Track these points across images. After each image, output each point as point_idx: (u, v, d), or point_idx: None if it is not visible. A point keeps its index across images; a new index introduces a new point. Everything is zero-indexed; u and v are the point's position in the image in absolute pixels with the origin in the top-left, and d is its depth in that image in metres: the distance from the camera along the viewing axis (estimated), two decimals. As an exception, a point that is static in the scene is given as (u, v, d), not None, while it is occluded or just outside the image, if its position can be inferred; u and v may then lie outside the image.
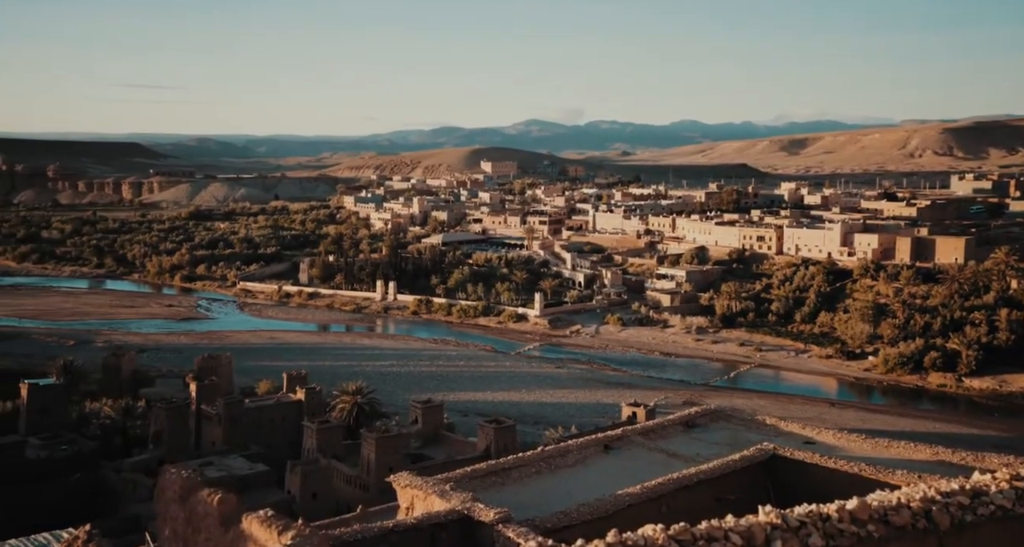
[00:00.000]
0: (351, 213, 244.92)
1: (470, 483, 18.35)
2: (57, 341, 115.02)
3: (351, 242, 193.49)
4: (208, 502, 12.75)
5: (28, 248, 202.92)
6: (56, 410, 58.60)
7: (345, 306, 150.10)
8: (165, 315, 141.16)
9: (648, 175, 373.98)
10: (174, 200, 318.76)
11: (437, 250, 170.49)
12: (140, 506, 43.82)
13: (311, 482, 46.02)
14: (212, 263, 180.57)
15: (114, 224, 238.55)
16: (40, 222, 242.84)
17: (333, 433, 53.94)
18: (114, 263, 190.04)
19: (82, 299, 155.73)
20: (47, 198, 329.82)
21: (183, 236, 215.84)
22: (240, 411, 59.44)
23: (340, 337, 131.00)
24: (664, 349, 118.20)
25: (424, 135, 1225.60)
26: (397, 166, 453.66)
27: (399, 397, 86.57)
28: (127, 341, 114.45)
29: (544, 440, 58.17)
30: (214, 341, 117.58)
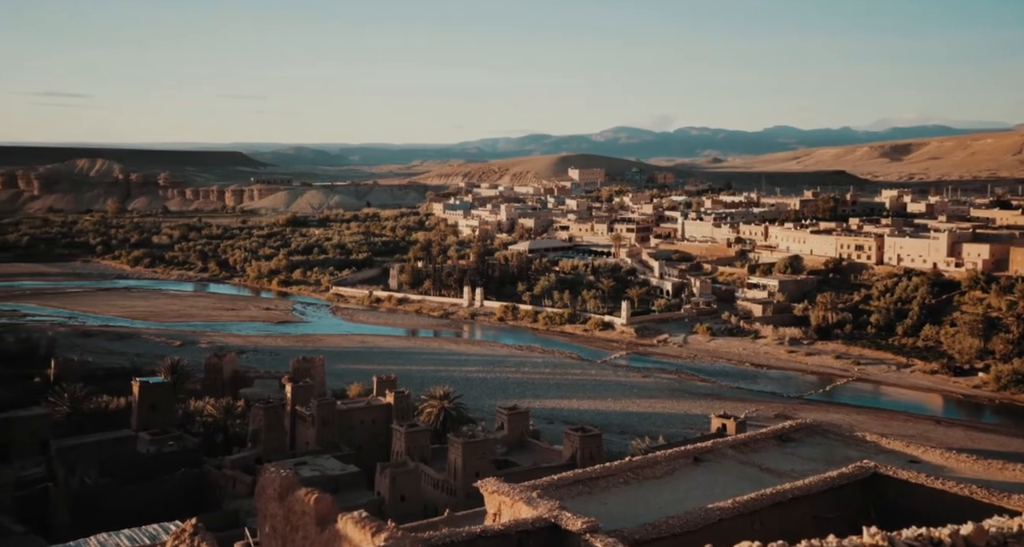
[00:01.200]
0: (440, 220, 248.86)
1: (557, 491, 18.37)
2: (165, 341, 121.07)
3: (439, 248, 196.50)
4: (305, 501, 13.22)
5: (140, 252, 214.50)
6: (164, 407, 61.63)
7: (433, 312, 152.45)
8: (263, 318, 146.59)
9: (739, 182, 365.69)
10: (272, 207, 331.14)
11: (524, 257, 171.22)
12: (239, 502, 45.59)
13: (400, 484, 46.86)
14: (307, 268, 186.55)
15: (217, 230, 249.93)
16: (151, 228, 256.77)
17: (421, 437, 54.80)
18: (217, 267, 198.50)
19: (188, 301, 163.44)
20: (158, 205, 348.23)
21: (280, 242, 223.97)
22: (332, 413, 61.09)
23: (428, 342, 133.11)
24: (755, 360, 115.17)
25: (512, 143, 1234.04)
26: (485, 173, 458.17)
27: (485, 403, 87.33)
28: (228, 342, 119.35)
29: (631, 450, 57.62)
30: (308, 344, 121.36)
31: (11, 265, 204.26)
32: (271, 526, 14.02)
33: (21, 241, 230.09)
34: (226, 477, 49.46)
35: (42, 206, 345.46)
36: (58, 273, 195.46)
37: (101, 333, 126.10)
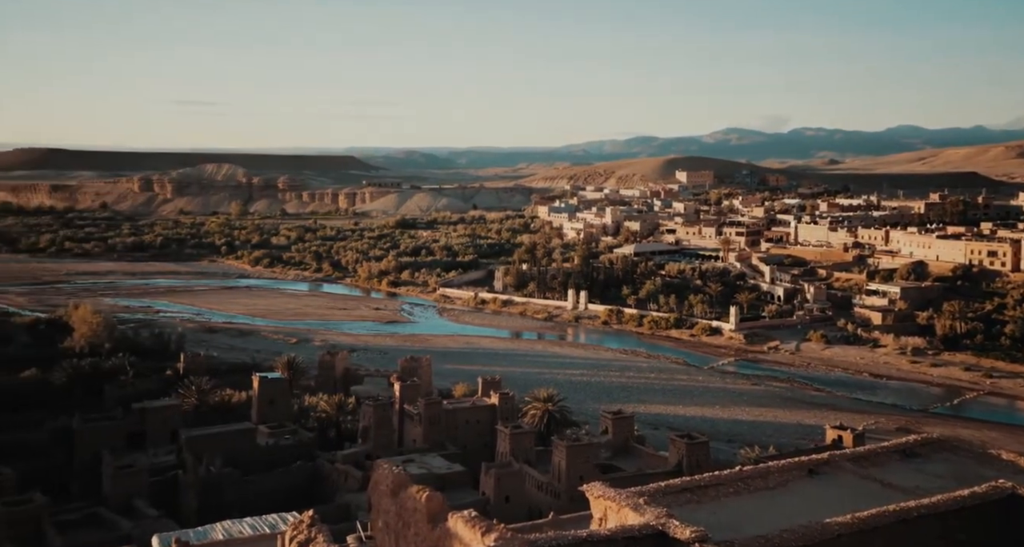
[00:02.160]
0: (545, 222, 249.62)
1: (664, 498, 18.10)
2: (282, 338, 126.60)
3: (544, 251, 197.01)
4: (417, 499, 13.56)
5: (261, 253, 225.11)
6: (281, 402, 64.49)
7: (537, 314, 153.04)
8: (373, 318, 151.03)
9: (858, 184, 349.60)
10: (383, 209, 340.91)
11: (629, 260, 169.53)
12: (351, 496, 47.18)
13: (505, 485, 47.31)
14: (415, 269, 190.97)
15: (331, 231, 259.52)
16: (271, 229, 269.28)
17: (526, 438, 55.12)
18: (330, 268, 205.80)
19: (303, 300, 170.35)
20: (277, 207, 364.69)
21: (390, 243, 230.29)
22: (439, 412, 62.30)
23: (532, 344, 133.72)
24: (874, 370, 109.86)
25: (618, 145, 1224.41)
26: (590, 176, 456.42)
27: (589, 406, 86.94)
28: (340, 341, 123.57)
29: (739, 459, 56.04)
30: (416, 344, 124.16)
31: (146, 264, 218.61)
32: (384, 521, 14.45)
33: (155, 242, 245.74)
34: (338, 471, 51.25)
35: (174, 208, 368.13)
36: (187, 272, 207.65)
37: (225, 329, 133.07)
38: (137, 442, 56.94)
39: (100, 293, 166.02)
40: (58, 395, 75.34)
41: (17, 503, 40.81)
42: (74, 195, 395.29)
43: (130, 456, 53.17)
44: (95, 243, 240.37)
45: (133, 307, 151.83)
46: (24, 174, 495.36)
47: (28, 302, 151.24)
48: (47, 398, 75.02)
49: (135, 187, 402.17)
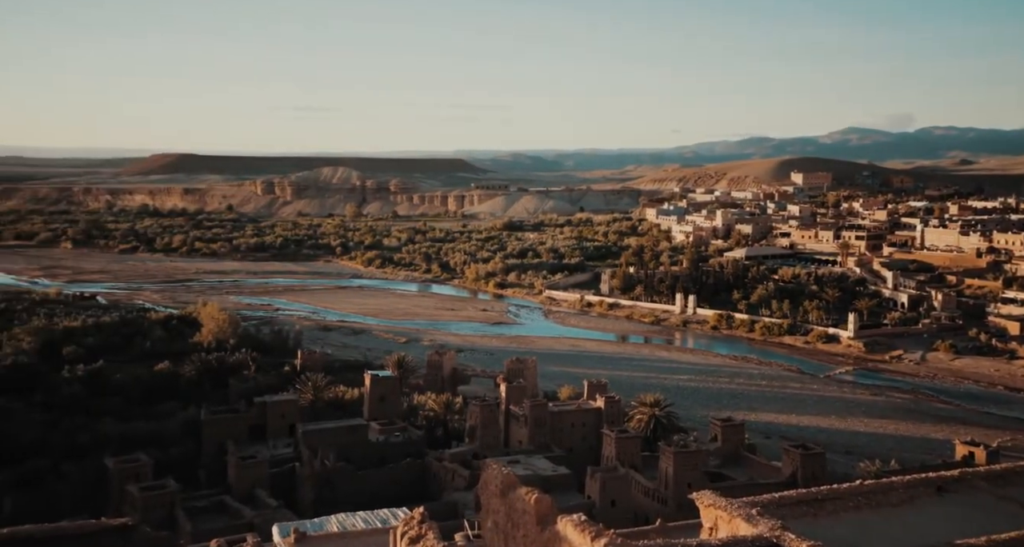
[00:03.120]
0: (653, 225, 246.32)
1: (778, 510, 17.52)
2: (392, 338, 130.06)
3: (652, 254, 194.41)
4: (526, 500, 13.65)
5: (373, 254, 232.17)
6: (392, 400, 66.25)
7: (644, 318, 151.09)
8: (480, 319, 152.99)
9: (993, 186, 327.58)
10: (490, 211, 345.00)
11: (740, 264, 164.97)
12: (458, 494, 47.96)
13: (610, 490, 46.93)
14: (521, 271, 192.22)
15: (440, 233, 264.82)
16: (383, 231, 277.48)
17: (632, 443, 54.51)
18: (439, 269, 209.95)
19: (413, 301, 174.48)
20: (389, 210, 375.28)
21: (497, 245, 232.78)
22: (544, 414, 62.43)
23: (638, 348, 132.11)
24: (1010, 383, 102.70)
25: (730, 146, 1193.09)
26: (701, 178, 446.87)
27: (697, 412, 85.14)
28: (448, 341, 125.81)
29: (858, 473, 53.56)
30: (521, 345, 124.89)
31: (267, 263, 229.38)
32: (493, 521, 14.62)
33: (275, 242, 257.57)
34: (446, 469, 52.16)
35: (293, 210, 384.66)
36: (304, 271, 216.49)
37: (339, 328, 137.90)
38: (258, 434, 59.76)
39: (226, 291, 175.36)
40: (188, 387, 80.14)
41: (152, 488, 43.66)
42: (203, 198, 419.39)
43: (252, 448, 55.88)
44: (221, 243, 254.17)
45: (255, 305, 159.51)
46: (160, 178, 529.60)
47: (162, 299, 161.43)
48: (178, 390, 79.93)
49: (258, 190, 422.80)
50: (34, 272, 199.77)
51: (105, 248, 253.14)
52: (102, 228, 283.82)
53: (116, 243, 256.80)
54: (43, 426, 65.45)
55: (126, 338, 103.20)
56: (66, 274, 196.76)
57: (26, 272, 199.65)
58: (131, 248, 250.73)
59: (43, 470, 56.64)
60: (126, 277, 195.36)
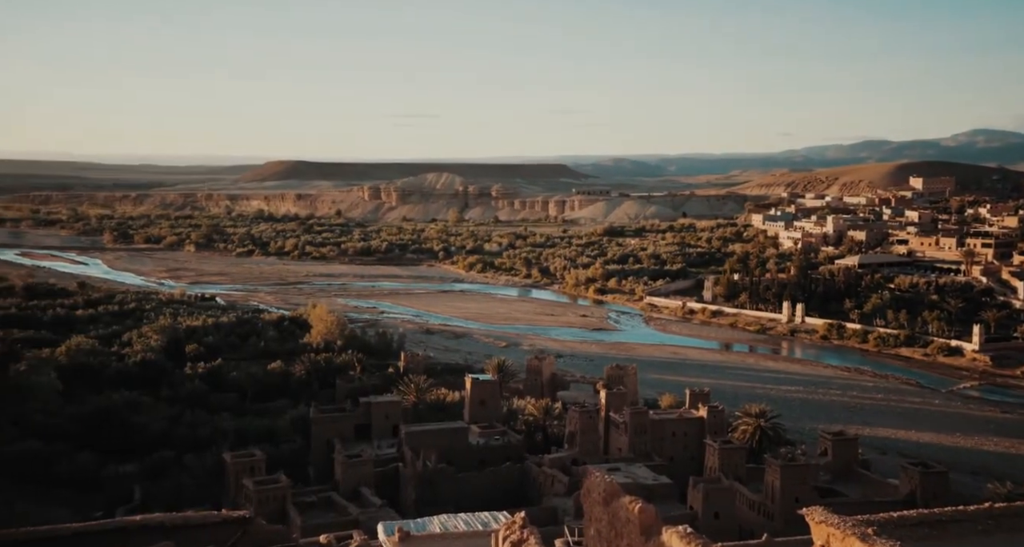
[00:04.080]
0: (759, 231, 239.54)
1: (897, 531, 16.67)
2: (492, 342, 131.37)
3: (757, 261, 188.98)
4: (629, 509, 13.53)
5: (474, 258, 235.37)
6: (492, 403, 66.95)
7: (749, 326, 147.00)
8: (580, 324, 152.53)
9: None
10: (591, 217, 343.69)
11: (852, 272, 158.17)
12: (557, 500, 47.98)
13: (713, 501, 45.86)
14: (622, 277, 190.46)
15: (541, 238, 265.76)
16: (484, 236, 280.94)
17: (736, 454, 53.12)
18: (539, 274, 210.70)
19: (513, 305, 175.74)
20: (490, 215, 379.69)
21: (597, 251, 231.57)
22: (645, 422, 61.65)
23: (743, 357, 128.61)
24: None
25: (843, 150, 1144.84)
26: (811, 183, 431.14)
27: (805, 425, 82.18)
28: (547, 346, 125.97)
29: (986, 494, 50.36)
30: (621, 352, 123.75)
31: (373, 267, 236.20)
32: (596, 529, 14.56)
33: (381, 247, 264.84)
34: (545, 474, 52.25)
35: (397, 215, 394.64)
36: (408, 275, 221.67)
37: (441, 331, 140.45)
38: (363, 433, 61.55)
39: (334, 294, 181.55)
40: (298, 386, 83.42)
41: (265, 482, 45.67)
42: (314, 203, 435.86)
43: (357, 446, 57.60)
44: (330, 247, 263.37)
45: (361, 307, 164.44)
46: (275, 184, 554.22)
47: (275, 300, 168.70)
48: (289, 388, 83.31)
49: (365, 196, 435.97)
50: (161, 274, 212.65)
51: (224, 251, 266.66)
52: (221, 232, 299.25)
53: (234, 247, 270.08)
54: (168, 420, 69.53)
55: (242, 338, 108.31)
56: (189, 276, 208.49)
57: (154, 273, 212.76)
58: (247, 251, 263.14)
59: (168, 461, 60.19)
60: (242, 279, 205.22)
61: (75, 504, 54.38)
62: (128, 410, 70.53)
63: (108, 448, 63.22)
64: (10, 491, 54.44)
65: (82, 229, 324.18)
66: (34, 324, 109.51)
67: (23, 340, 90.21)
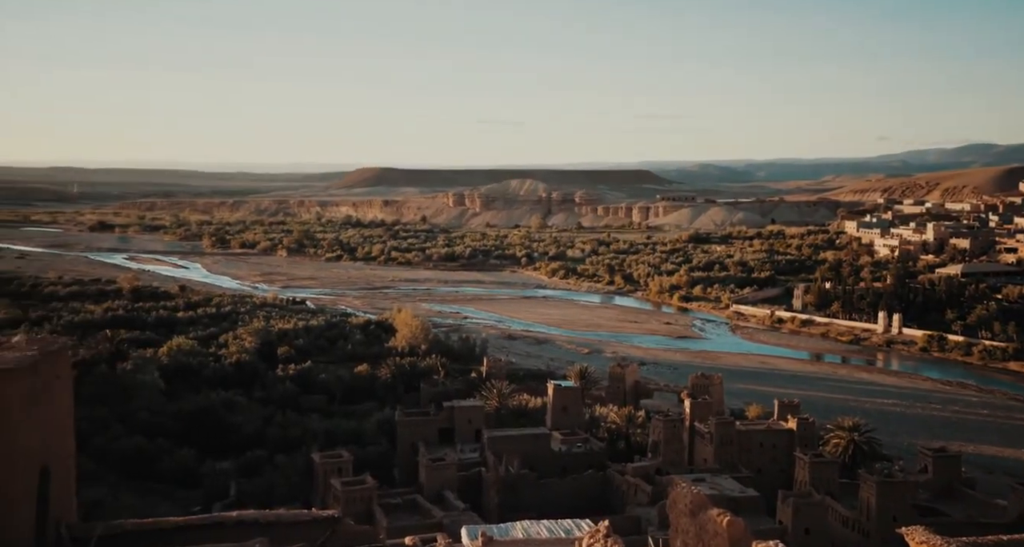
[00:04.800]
0: (852, 238, 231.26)
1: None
2: (575, 348, 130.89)
3: (851, 269, 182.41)
4: (717, 522, 13.20)
5: (557, 265, 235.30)
6: (574, 410, 66.64)
7: (841, 336, 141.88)
8: (663, 332, 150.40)
9: None
10: (676, 223, 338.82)
11: (955, 281, 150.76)
12: (640, 509, 47.33)
13: (804, 516, 44.34)
14: (707, 285, 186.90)
15: (624, 245, 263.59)
16: (567, 242, 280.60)
17: (828, 468, 51.26)
18: (622, 281, 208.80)
19: (595, 312, 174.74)
20: (573, 221, 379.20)
21: (682, 258, 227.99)
22: (731, 432, 60.20)
23: (835, 368, 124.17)
24: None
25: (945, 154, 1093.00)
26: (909, 188, 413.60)
27: (903, 440, 78.77)
28: (630, 354, 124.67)
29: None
30: (706, 360, 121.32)
31: (456, 273, 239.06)
32: (682, 541, 14.26)
33: (464, 252, 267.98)
34: (628, 483, 51.63)
35: (481, 221, 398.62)
36: (491, 281, 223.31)
37: (523, 337, 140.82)
38: (447, 437, 62.23)
39: (418, 299, 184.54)
40: (383, 389, 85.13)
41: (352, 483, 46.73)
42: (400, 209, 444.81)
43: (441, 450, 58.29)
44: (415, 253, 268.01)
45: (445, 312, 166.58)
46: (363, 191, 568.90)
47: (362, 304, 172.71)
48: (375, 391, 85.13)
49: (449, 202, 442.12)
50: (255, 277, 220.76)
51: (314, 256, 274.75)
52: (312, 238, 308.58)
53: (323, 252, 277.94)
54: (262, 419, 72.03)
55: (330, 341, 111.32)
56: (281, 280, 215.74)
57: (248, 277, 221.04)
58: (336, 256, 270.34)
59: (261, 460, 62.34)
60: (331, 283, 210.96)
61: (175, 498, 56.94)
62: (224, 409, 73.44)
63: (205, 445, 65.98)
64: (117, 485, 57.40)
65: (183, 235, 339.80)
66: (139, 325, 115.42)
67: (129, 340, 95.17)
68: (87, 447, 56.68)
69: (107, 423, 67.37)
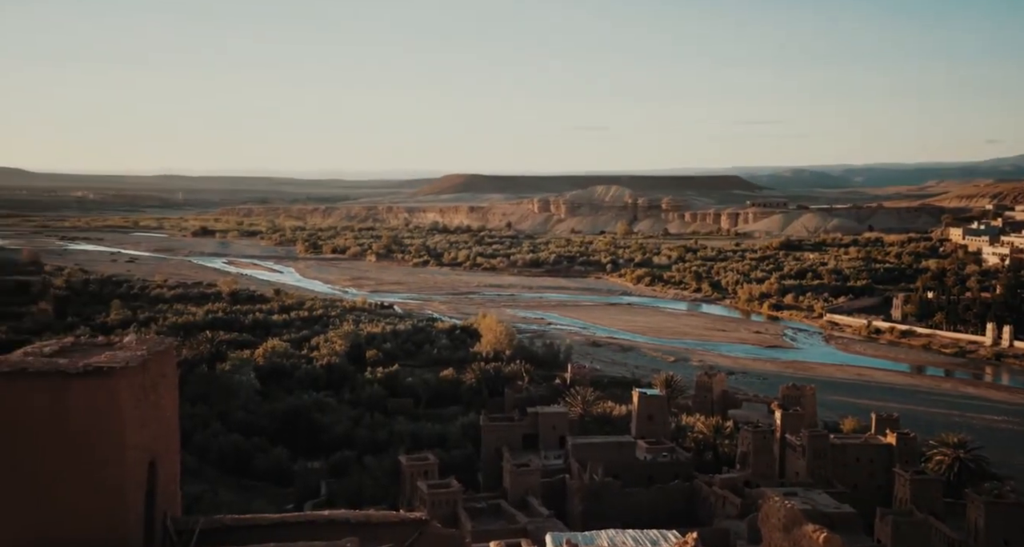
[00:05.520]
0: (957, 246, 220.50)
1: None
2: (660, 356, 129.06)
3: (956, 278, 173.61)
4: (813, 539, 12.74)
5: (642, 271, 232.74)
6: (659, 419, 65.64)
7: (945, 348, 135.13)
8: (752, 341, 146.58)
9: None
10: (766, 230, 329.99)
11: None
12: (728, 522, 46.16)
13: (905, 536, 42.29)
14: (799, 293, 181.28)
15: (712, 252, 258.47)
16: (653, 249, 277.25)
17: (931, 486, 48.83)
18: (709, 288, 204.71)
19: (681, 320, 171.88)
20: (659, 227, 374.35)
21: (773, 265, 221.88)
22: (825, 446, 58.13)
23: (938, 382, 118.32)
24: None
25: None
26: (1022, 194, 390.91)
27: (1016, 460, 74.46)
28: (718, 363, 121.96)
29: None
30: (798, 371, 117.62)
31: (541, 278, 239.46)
32: (776, 557, 13.83)
33: (549, 258, 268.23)
34: (716, 495, 50.47)
35: (566, 228, 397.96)
36: (575, 287, 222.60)
37: (607, 344, 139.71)
38: (530, 443, 62.26)
39: (503, 304, 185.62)
40: (468, 394, 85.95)
41: (438, 486, 47.30)
42: (486, 215, 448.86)
43: (525, 456, 58.34)
44: (500, 259, 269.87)
45: (529, 318, 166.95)
46: (449, 197, 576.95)
47: (448, 309, 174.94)
48: (459, 396, 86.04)
49: (534, 208, 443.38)
50: (345, 282, 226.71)
51: (401, 261, 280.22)
52: (400, 243, 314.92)
53: (411, 257, 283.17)
54: (350, 421, 73.81)
55: (417, 345, 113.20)
56: (370, 284, 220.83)
57: (339, 282, 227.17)
58: (423, 262, 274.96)
59: (350, 460, 63.90)
60: (418, 288, 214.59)
61: (269, 495, 58.95)
62: (315, 410, 75.60)
63: (297, 445, 68.09)
64: (216, 480, 59.86)
65: (278, 240, 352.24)
66: (237, 327, 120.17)
67: (228, 342, 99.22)
68: (188, 444, 59.39)
69: (207, 421, 70.38)
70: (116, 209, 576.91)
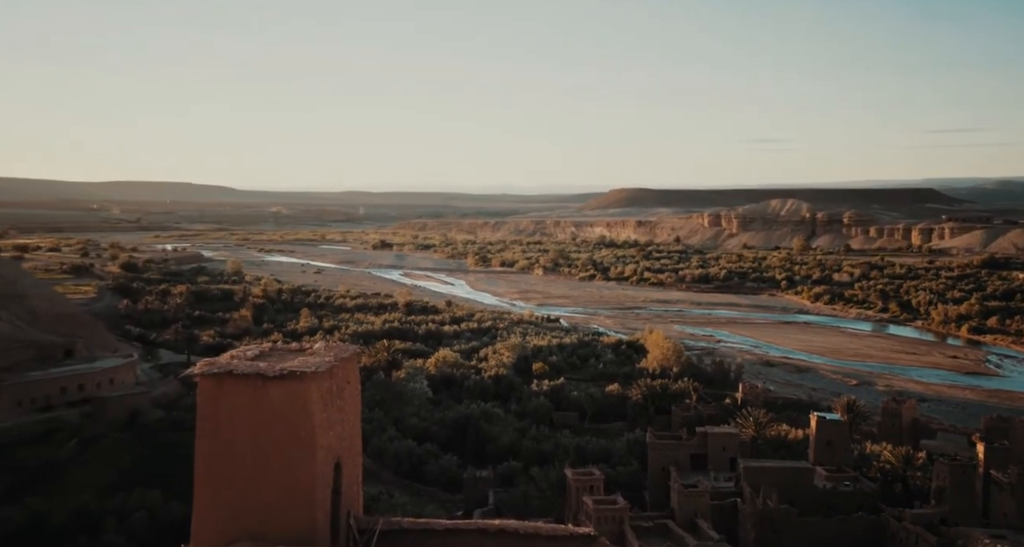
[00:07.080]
0: None
1: None
2: (840, 379, 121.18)
3: None
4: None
5: (821, 289, 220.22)
6: (840, 445, 61.57)
7: None
8: (948, 366, 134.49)
9: None
10: (965, 247, 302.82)
11: None
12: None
13: None
14: (1006, 316, 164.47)
15: (900, 269, 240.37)
16: (833, 266, 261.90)
17: None
18: (898, 308, 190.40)
19: (865, 341, 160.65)
20: (840, 243, 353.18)
21: (973, 285, 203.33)
22: (1037, 486, 52.03)
23: None
24: None
25: None
26: None
27: None
28: (907, 388, 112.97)
29: None
30: (1004, 401, 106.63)
31: (710, 295, 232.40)
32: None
33: (719, 274, 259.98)
34: (907, 531, 46.53)
35: (738, 243, 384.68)
36: (747, 304, 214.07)
37: (781, 364, 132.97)
38: (698, 463, 60.29)
39: (670, 320, 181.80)
40: (634, 410, 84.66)
41: (604, 502, 46.85)
42: (653, 230, 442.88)
43: (693, 476, 56.56)
44: (668, 274, 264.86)
45: (697, 335, 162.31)
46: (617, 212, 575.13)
47: (613, 324, 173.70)
48: (625, 412, 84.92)
49: (705, 222, 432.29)
50: (513, 295, 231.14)
51: (568, 275, 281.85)
52: (567, 257, 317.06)
53: (577, 271, 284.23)
54: (517, 432, 74.87)
55: (582, 359, 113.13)
56: (537, 298, 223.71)
57: (507, 294, 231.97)
58: (589, 276, 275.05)
59: (516, 471, 64.74)
60: (584, 302, 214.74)
61: (439, 501, 60.86)
62: (483, 420, 77.32)
63: (466, 453, 69.89)
64: (391, 483, 62.63)
65: (450, 253, 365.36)
66: (411, 337, 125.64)
67: (403, 350, 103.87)
68: (366, 447, 62.33)
69: (383, 426, 73.86)
70: (306, 223, 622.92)
